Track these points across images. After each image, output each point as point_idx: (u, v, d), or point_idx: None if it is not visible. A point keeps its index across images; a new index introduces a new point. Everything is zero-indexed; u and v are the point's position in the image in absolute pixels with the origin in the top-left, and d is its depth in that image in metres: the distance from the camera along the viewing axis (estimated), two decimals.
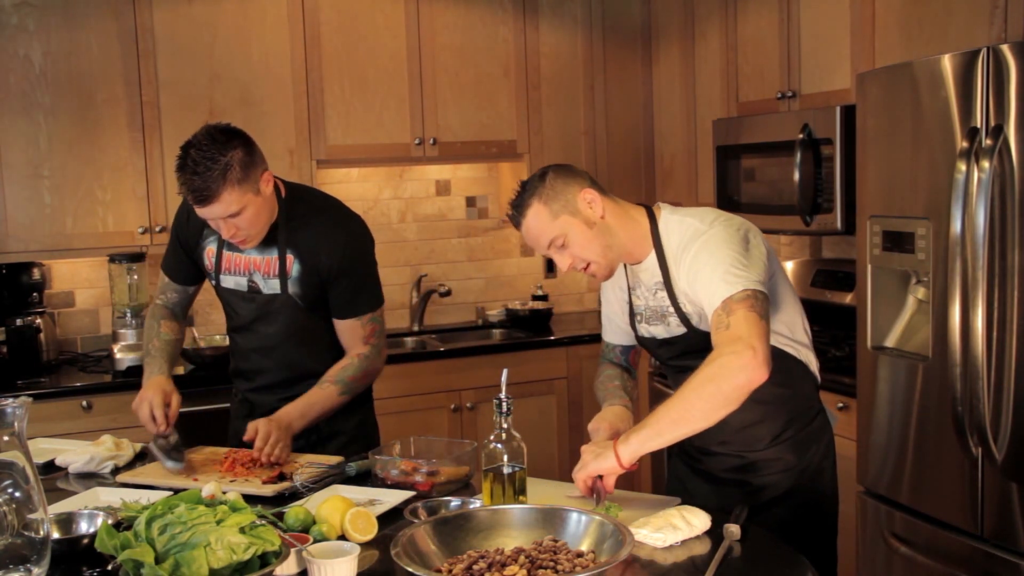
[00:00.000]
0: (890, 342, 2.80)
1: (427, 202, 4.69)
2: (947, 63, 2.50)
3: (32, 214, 3.78)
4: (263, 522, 1.70)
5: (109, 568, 1.76)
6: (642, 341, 2.32)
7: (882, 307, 2.82)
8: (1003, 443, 2.38)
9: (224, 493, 1.87)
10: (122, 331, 3.83)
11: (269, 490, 2.21)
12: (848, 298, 3.70)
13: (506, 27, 4.38)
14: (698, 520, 1.90)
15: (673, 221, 2.17)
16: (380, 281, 2.64)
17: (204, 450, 2.55)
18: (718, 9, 4.06)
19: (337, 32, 4.12)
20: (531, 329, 4.52)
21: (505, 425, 2.00)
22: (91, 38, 3.79)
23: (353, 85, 4.16)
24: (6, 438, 1.46)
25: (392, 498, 2.13)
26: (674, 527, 1.86)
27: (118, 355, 3.78)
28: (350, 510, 1.90)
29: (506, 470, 1.99)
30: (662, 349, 2.27)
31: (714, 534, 1.89)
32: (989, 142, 2.35)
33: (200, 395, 3.57)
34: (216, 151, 2.29)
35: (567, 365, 4.30)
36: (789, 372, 2.19)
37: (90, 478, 2.40)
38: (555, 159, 4.13)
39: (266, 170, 2.41)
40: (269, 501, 2.14)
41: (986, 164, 2.34)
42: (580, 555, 1.72)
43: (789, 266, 4.07)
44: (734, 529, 1.87)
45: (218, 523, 1.62)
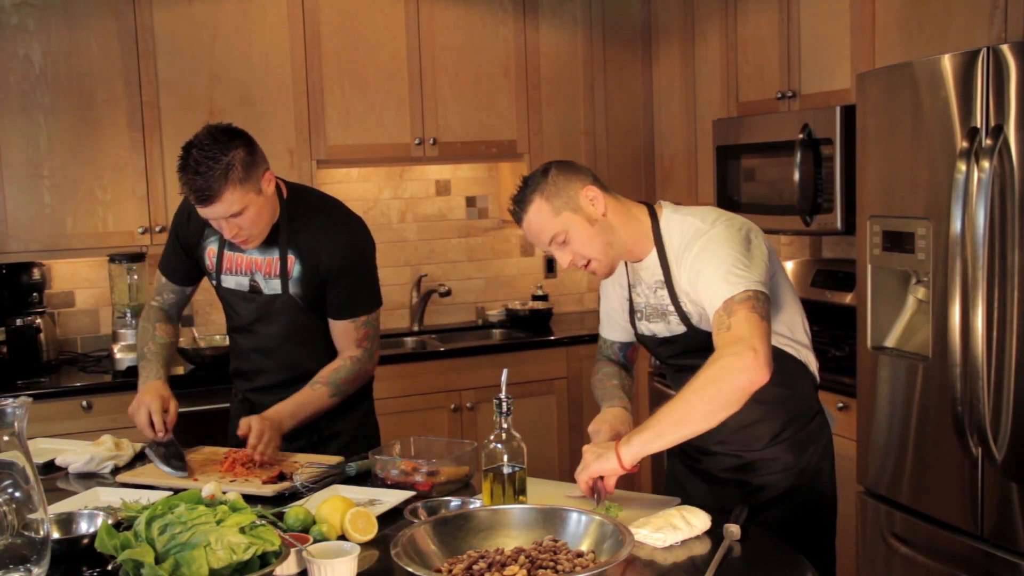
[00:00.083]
0: (890, 342, 2.80)
1: (427, 202, 4.69)
2: (947, 63, 2.50)
3: (32, 214, 3.78)
4: (263, 522, 1.70)
5: (109, 568, 1.76)
6: (642, 339, 2.32)
7: (882, 307, 2.82)
8: (1003, 443, 2.38)
9: (224, 493, 1.87)
10: (122, 331, 3.83)
11: (269, 490, 2.21)
12: (848, 298, 3.70)
13: (506, 27, 4.38)
14: (698, 520, 1.90)
15: (675, 220, 2.16)
16: (379, 284, 2.64)
17: (204, 450, 2.55)
18: (718, 9, 4.06)
19: (337, 32, 4.12)
20: (531, 329, 4.52)
21: (505, 425, 2.00)
22: (91, 38, 3.79)
23: (353, 85, 4.16)
24: (6, 438, 1.46)
25: (392, 498, 2.13)
26: (674, 527, 1.86)
27: (118, 355, 3.78)
28: (350, 510, 1.90)
29: (506, 470, 1.99)
30: (662, 347, 2.27)
31: (714, 534, 1.89)
32: (989, 142, 2.35)
33: (200, 395, 3.57)
34: (218, 151, 2.29)
35: (567, 365, 4.30)
36: (789, 372, 2.19)
37: (90, 478, 2.40)
38: (555, 159, 4.11)
39: (268, 170, 2.41)
40: (269, 501, 2.14)
41: (986, 164, 2.34)
42: (580, 555, 1.72)
43: (789, 266, 4.07)
44: (734, 529, 1.87)
45: (218, 523, 1.62)
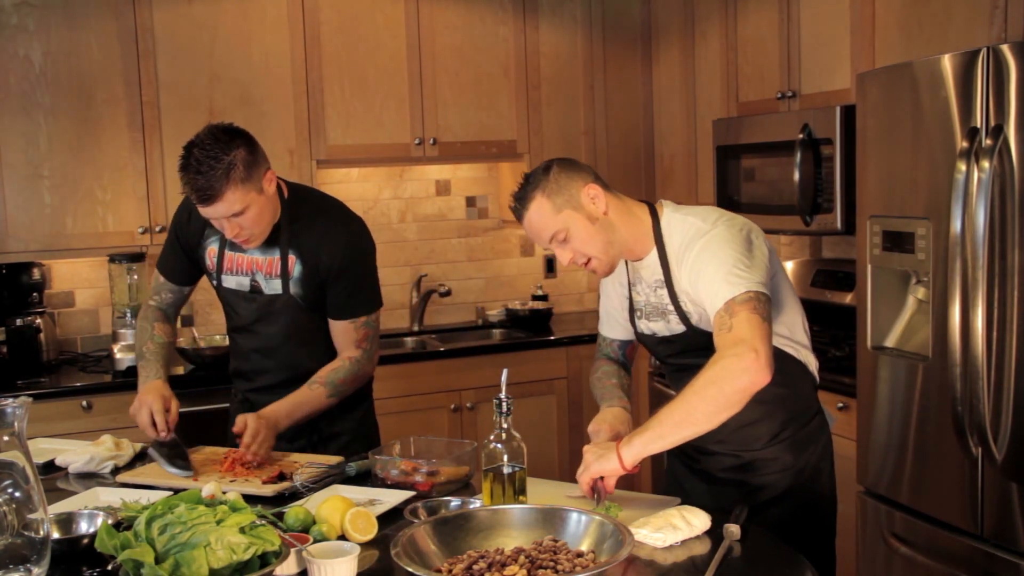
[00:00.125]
0: (890, 342, 2.80)
1: (427, 202, 4.69)
2: (947, 63, 2.50)
3: (32, 214, 3.78)
4: (263, 522, 1.70)
5: (109, 568, 1.76)
6: (641, 338, 2.32)
7: (882, 307, 2.82)
8: (1003, 443, 2.38)
9: (224, 493, 1.87)
10: (122, 331, 3.83)
11: (269, 490, 2.21)
12: (848, 298, 3.70)
13: (506, 27, 4.38)
14: (698, 520, 1.90)
15: (676, 219, 2.16)
16: (379, 285, 2.64)
17: (204, 450, 2.55)
18: (718, 9, 4.06)
19: (337, 32, 4.12)
20: (531, 329, 4.52)
21: (505, 425, 2.00)
22: (91, 38, 3.79)
23: (353, 85, 4.16)
24: (6, 438, 1.46)
25: (392, 498, 2.13)
26: (674, 527, 1.86)
27: (118, 355, 3.78)
28: (350, 510, 1.90)
29: (506, 470, 1.99)
30: (661, 346, 2.27)
31: (714, 534, 1.89)
32: (989, 142, 2.35)
33: (200, 395, 3.57)
34: (219, 150, 2.29)
35: (567, 365, 4.30)
36: (788, 372, 2.19)
37: (90, 478, 2.40)
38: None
39: (269, 169, 2.41)
40: (269, 501, 2.14)
41: (986, 164, 2.34)
42: (580, 555, 1.72)
43: (789, 266, 4.07)
44: (734, 529, 1.87)
45: (218, 523, 1.62)
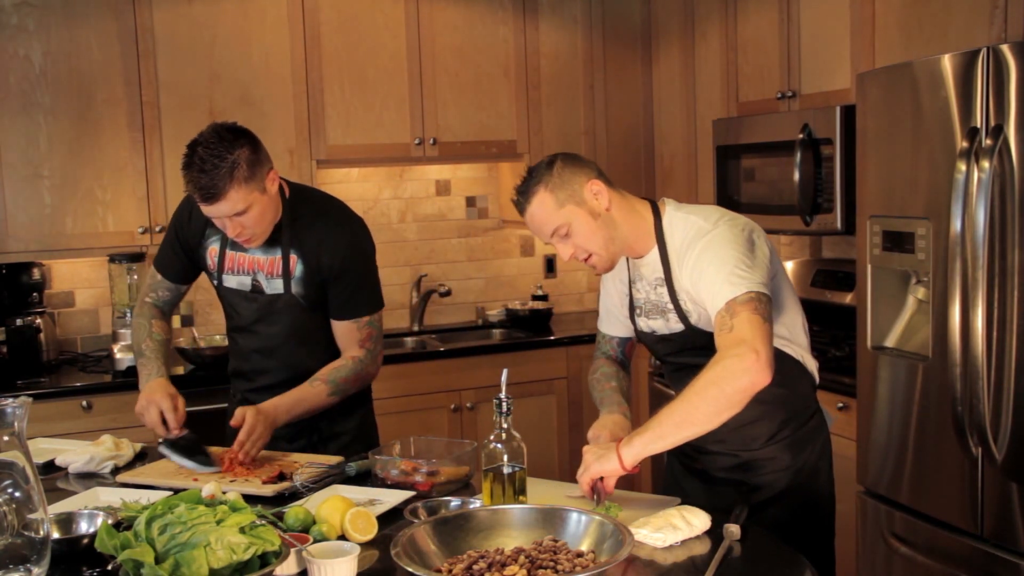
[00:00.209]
0: (890, 342, 2.80)
1: (427, 202, 4.69)
2: (947, 63, 2.50)
3: (32, 214, 3.78)
4: (263, 522, 1.70)
5: (109, 568, 1.76)
6: (640, 335, 2.32)
7: (882, 307, 2.82)
8: (1003, 443, 2.38)
9: (224, 493, 1.87)
10: (122, 331, 3.83)
11: (269, 490, 2.21)
12: (848, 298, 3.70)
13: (506, 27, 4.38)
14: (698, 520, 1.90)
15: (677, 218, 2.16)
16: (380, 285, 2.64)
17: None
18: (718, 9, 4.06)
19: (337, 32, 4.12)
20: (531, 329, 4.52)
21: (505, 425, 2.00)
22: (91, 38, 3.79)
23: (353, 85, 4.16)
24: (6, 438, 1.46)
25: (392, 498, 2.13)
26: (674, 527, 1.86)
27: (118, 355, 3.78)
28: (350, 510, 1.90)
29: (506, 470, 1.99)
30: (660, 344, 2.27)
31: (714, 534, 1.89)
32: (989, 142, 2.35)
33: (200, 395, 3.56)
34: (223, 149, 2.29)
35: (567, 365, 4.30)
36: (787, 372, 2.19)
37: (90, 478, 2.40)
38: None
39: (272, 169, 2.41)
40: (269, 501, 2.14)
41: (986, 164, 2.34)
42: (580, 555, 1.72)
43: (789, 266, 4.07)
44: (734, 529, 1.87)
45: (218, 523, 1.62)
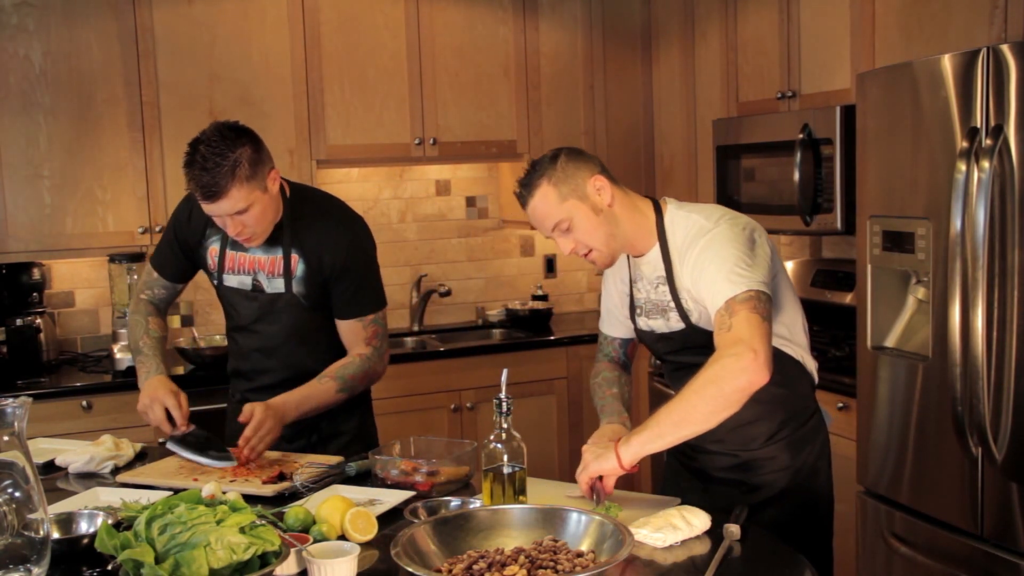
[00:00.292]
0: (890, 342, 2.80)
1: (427, 202, 4.69)
2: (947, 63, 2.50)
3: (32, 214, 3.78)
4: (263, 522, 1.70)
5: (109, 568, 1.76)
6: (640, 334, 2.32)
7: (882, 307, 2.82)
8: (1003, 443, 2.38)
9: (224, 493, 1.87)
10: (122, 331, 3.83)
11: (269, 490, 2.21)
12: (848, 298, 3.70)
13: (506, 27, 4.38)
14: (698, 520, 1.90)
15: (679, 216, 2.16)
16: (382, 284, 2.64)
17: None
18: (718, 9, 4.06)
19: (337, 32, 4.12)
20: (531, 329, 4.52)
21: (505, 425, 2.00)
22: (91, 38, 3.79)
23: (353, 85, 4.16)
24: (6, 438, 1.46)
25: (392, 498, 2.13)
26: (674, 527, 1.86)
27: (118, 355, 3.78)
28: (350, 510, 1.90)
29: (506, 470, 1.99)
30: (660, 343, 2.27)
31: (714, 534, 1.89)
32: (989, 142, 2.35)
33: (200, 395, 3.55)
34: (225, 147, 2.29)
35: (567, 365, 4.30)
36: (786, 372, 2.19)
37: (90, 478, 2.40)
38: None
39: (273, 168, 2.42)
40: (269, 501, 2.14)
41: (986, 164, 2.34)
42: (580, 555, 1.72)
43: (789, 266, 4.07)
44: (734, 529, 1.87)
45: (218, 523, 1.62)
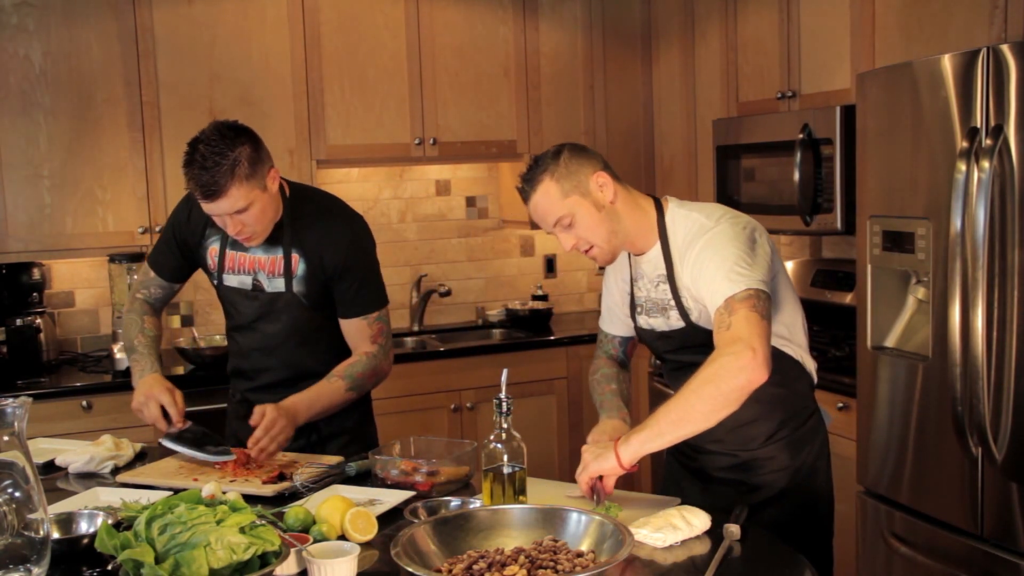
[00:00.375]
0: (890, 342, 2.80)
1: (427, 202, 4.69)
2: (947, 63, 2.50)
3: (32, 214, 3.78)
4: (263, 522, 1.70)
5: (109, 568, 1.76)
6: (640, 333, 2.32)
7: (882, 307, 2.82)
8: (1003, 443, 2.38)
9: (224, 493, 1.87)
10: (122, 331, 3.82)
11: (269, 490, 2.21)
12: (848, 298, 3.70)
13: (506, 27, 4.38)
14: (698, 520, 1.90)
15: (680, 215, 2.17)
16: (383, 282, 2.64)
17: None
18: (718, 9, 4.06)
19: (337, 32, 4.12)
20: (531, 329, 4.52)
21: (505, 425, 2.00)
22: (91, 38, 3.79)
23: (353, 85, 4.16)
24: (6, 438, 1.46)
25: (392, 498, 2.13)
26: (674, 527, 1.86)
27: (118, 355, 3.77)
28: (350, 510, 1.90)
29: (506, 470, 1.99)
30: (660, 342, 2.27)
31: (714, 534, 1.89)
32: (989, 142, 2.35)
33: (200, 395, 3.56)
34: (225, 147, 2.30)
35: (567, 365, 4.30)
36: (785, 372, 2.19)
37: (90, 478, 2.40)
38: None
39: (272, 167, 2.42)
40: (269, 501, 2.14)
41: (986, 164, 2.34)
42: (580, 555, 1.72)
43: (789, 266, 4.07)
44: (734, 529, 1.87)
45: (218, 523, 1.62)
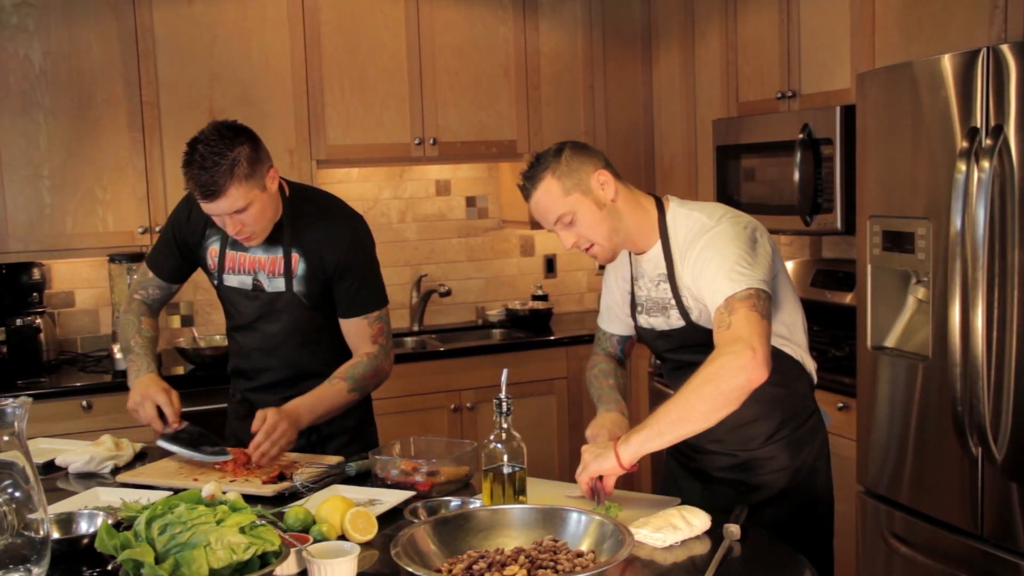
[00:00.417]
0: (890, 342, 2.80)
1: (427, 202, 4.69)
2: (947, 63, 2.50)
3: (32, 214, 3.78)
4: (263, 522, 1.70)
5: (109, 568, 1.76)
6: (640, 331, 2.33)
7: (882, 307, 2.82)
8: (1003, 443, 2.38)
9: (224, 493, 1.87)
10: (119, 331, 3.82)
11: (269, 490, 2.21)
12: (848, 298, 3.70)
13: (506, 27, 4.38)
14: (698, 520, 1.90)
15: (681, 214, 2.17)
16: (383, 282, 2.65)
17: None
18: (718, 9, 4.06)
19: (337, 32, 4.12)
20: (531, 329, 4.52)
21: (505, 425, 2.00)
22: (91, 38, 3.79)
23: (353, 85, 4.16)
24: (6, 438, 1.46)
25: (392, 498, 2.13)
26: (674, 527, 1.86)
27: (118, 355, 3.77)
28: (350, 510, 1.90)
29: (506, 470, 1.99)
30: (660, 341, 2.27)
31: (714, 534, 1.89)
32: (989, 142, 2.35)
33: (200, 395, 3.56)
34: (223, 146, 2.30)
35: (567, 365, 4.30)
36: (785, 372, 2.19)
37: (90, 478, 2.40)
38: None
39: (272, 167, 2.42)
40: (269, 501, 2.14)
41: (986, 164, 2.34)
42: (580, 555, 1.72)
43: (789, 266, 4.07)
44: (734, 529, 1.87)
45: (218, 523, 1.62)
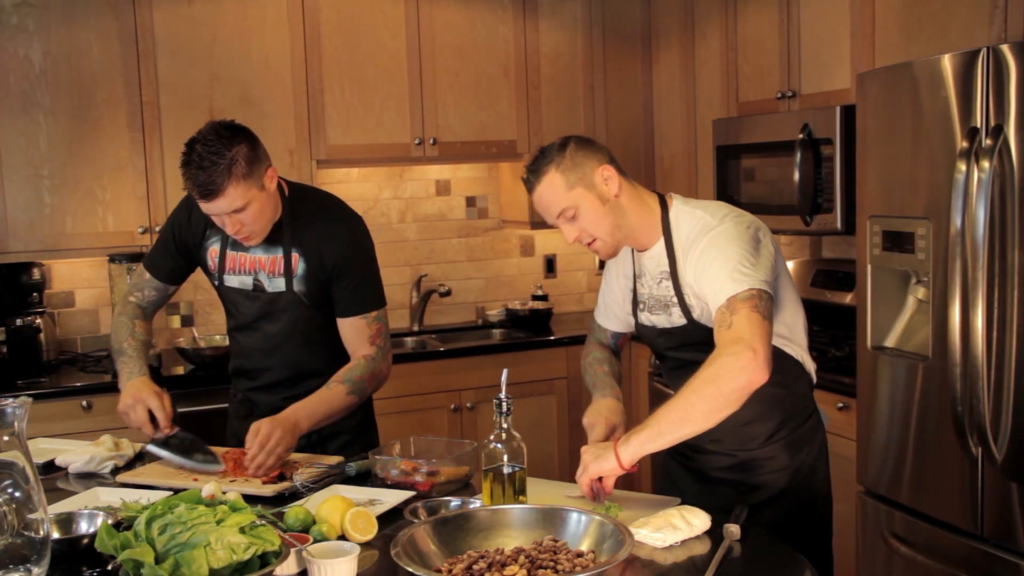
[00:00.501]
0: (890, 342, 2.80)
1: (427, 202, 4.69)
2: (947, 63, 2.50)
3: (32, 214, 3.78)
4: (263, 522, 1.70)
5: (109, 568, 1.76)
6: (641, 329, 2.32)
7: (882, 307, 2.82)
8: (1003, 443, 2.38)
9: (224, 493, 1.87)
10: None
11: (269, 490, 2.21)
12: (848, 298, 3.70)
13: (506, 27, 4.38)
14: (698, 520, 1.90)
15: (684, 212, 2.17)
16: (382, 283, 2.64)
17: None
18: (718, 9, 4.06)
19: (337, 32, 4.12)
20: (531, 329, 4.52)
21: (505, 425, 2.00)
22: (91, 38, 3.79)
23: (353, 85, 4.16)
24: (6, 438, 1.46)
25: (392, 498, 2.13)
26: (674, 527, 1.86)
27: None
28: (350, 510, 1.90)
29: (506, 470, 1.99)
30: (661, 339, 2.27)
31: (714, 534, 1.89)
32: (989, 142, 2.35)
33: (200, 395, 3.57)
34: (221, 146, 2.30)
35: (567, 365, 4.30)
36: (786, 372, 2.19)
37: (90, 478, 2.40)
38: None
39: (270, 166, 2.42)
40: (269, 501, 2.14)
41: (986, 164, 2.34)
42: (580, 555, 1.72)
43: (789, 266, 4.07)
44: (734, 529, 1.87)
45: (218, 523, 1.62)
